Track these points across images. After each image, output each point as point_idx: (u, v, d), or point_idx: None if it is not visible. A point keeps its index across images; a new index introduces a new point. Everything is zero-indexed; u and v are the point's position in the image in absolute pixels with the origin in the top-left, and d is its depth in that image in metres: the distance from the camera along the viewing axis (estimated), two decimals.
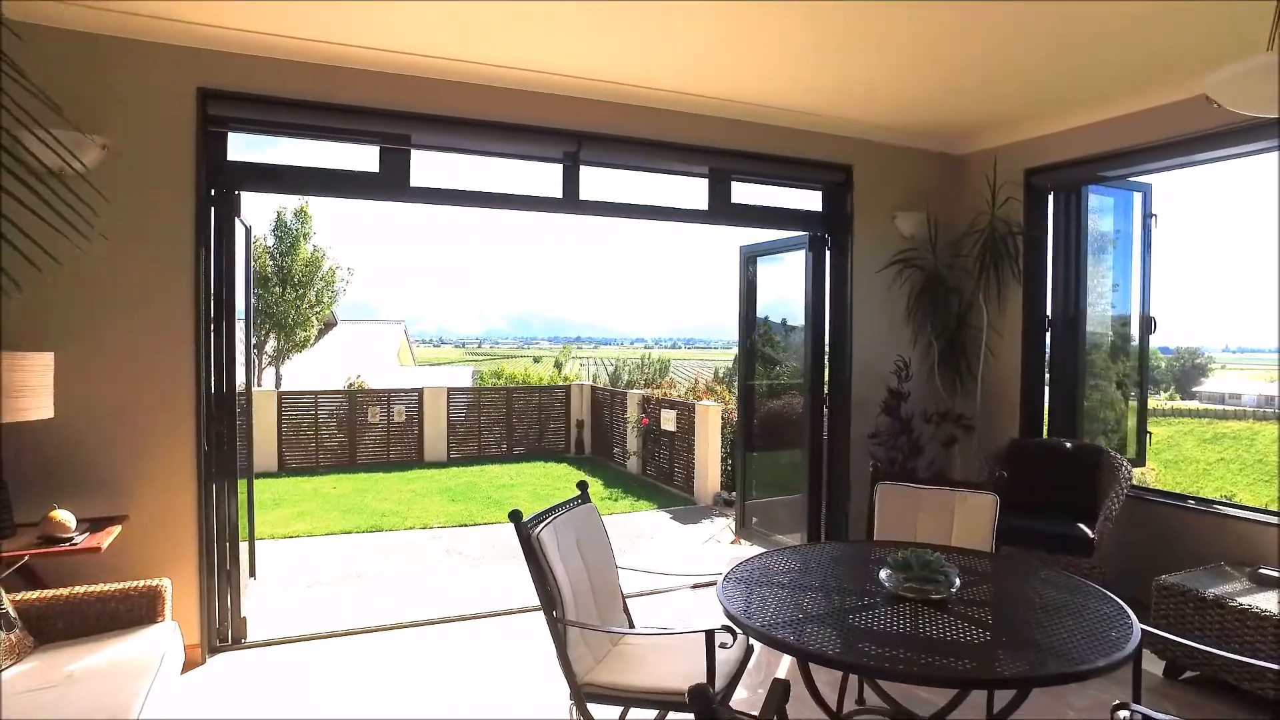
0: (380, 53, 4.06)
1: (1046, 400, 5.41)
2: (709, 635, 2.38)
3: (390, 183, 4.41)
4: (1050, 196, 5.27)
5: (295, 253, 16.27)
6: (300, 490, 10.08)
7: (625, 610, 3.14)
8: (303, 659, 4.03)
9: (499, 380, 16.83)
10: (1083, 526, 4.37)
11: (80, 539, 3.19)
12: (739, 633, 2.38)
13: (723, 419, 9.31)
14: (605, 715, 2.67)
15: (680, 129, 4.90)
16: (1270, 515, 4.37)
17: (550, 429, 13.34)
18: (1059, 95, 4.66)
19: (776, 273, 6.40)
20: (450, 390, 12.83)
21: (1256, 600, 3.59)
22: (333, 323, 24.46)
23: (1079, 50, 3.98)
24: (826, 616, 2.40)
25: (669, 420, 10.16)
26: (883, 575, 2.52)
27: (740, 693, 3.23)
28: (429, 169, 4.57)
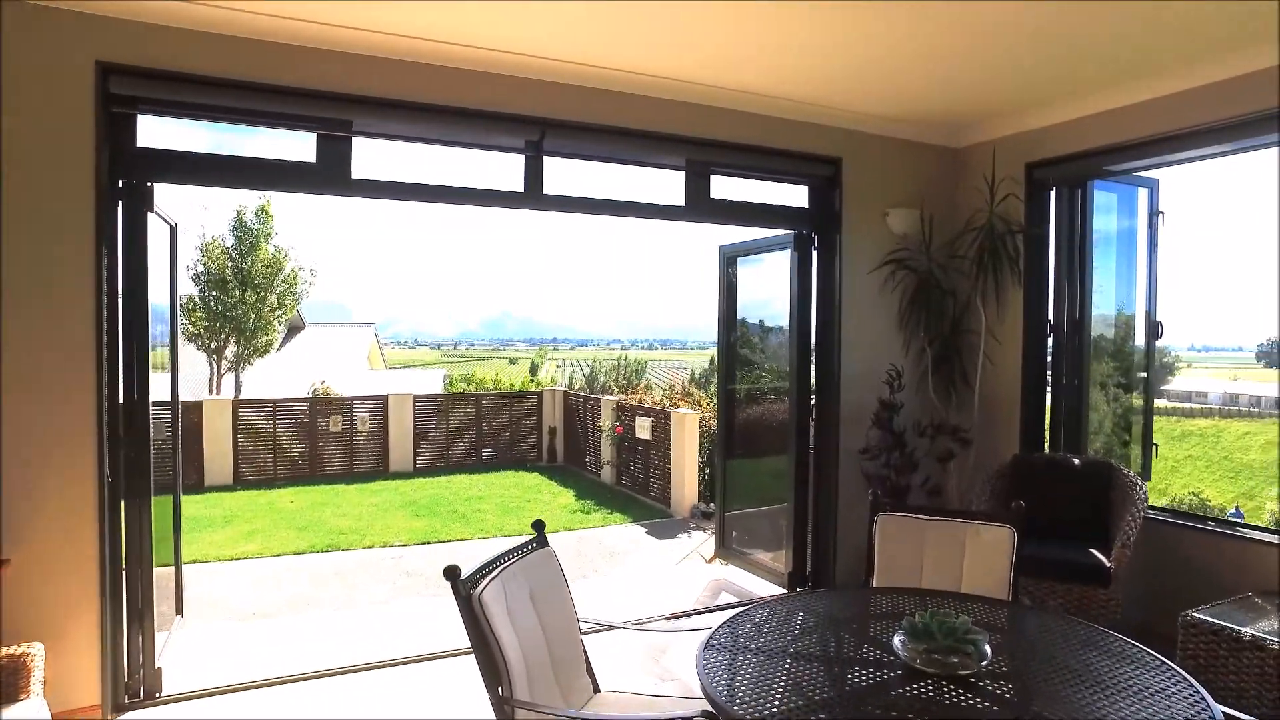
0: (316, 25, 3.55)
1: (1049, 411, 5.02)
2: None
3: (329, 175, 3.92)
4: (1053, 193, 4.87)
5: (256, 253, 15.57)
6: (254, 505, 9.51)
7: (589, 671, 2.68)
8: (228, 716, 3.53)
9: (469, 385, 16.25)
10: (1096, 553, 3.98)
11: None
12: None
13: (700, 427, 8.87)
14: None
15: (654, 116, 4.44)
16: None
17: (522, 436, 12.83)
18: (1063, 82, 4.26)
19: (759, 274, 5.96)
20: (416, 398, 12.28)
21: None
22: (300, 325, 23.76)
23: (1083, 32, 3.58)
24: (833, 702, 1.95)
25: (644, 428, 9.71)
26: (896, 642, 2.09)
27: None
28: (376, 159, 4.09)
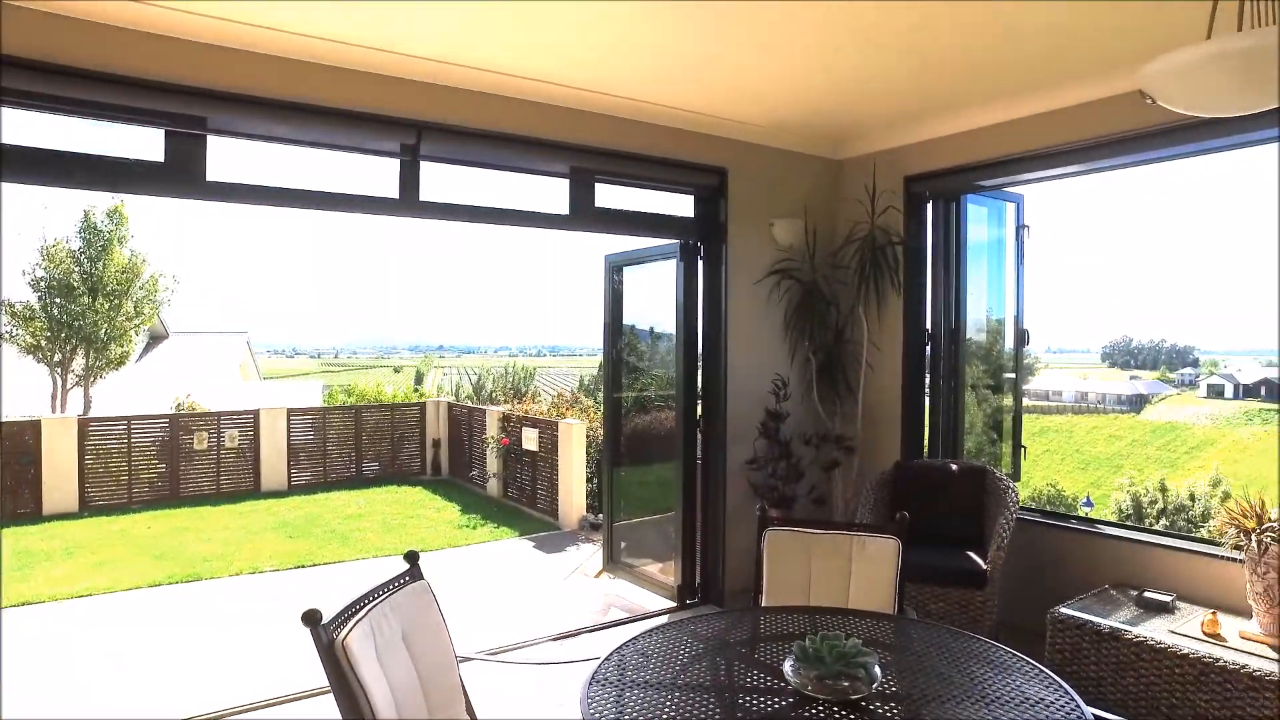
0: (159, 8, 3.23)
1: (928, 416, 5.19)
2: None
3: (180, 176, 3.57)
4: (930, 205, 5.04)
5: (108, 258, 14.32)
6: (105, 533, 8.69)
7: (469, 709, 2.51)
8: None
9: (350, 397, 15.51)
10: (974, 556, 4.12)
11: None
12: None
13: (588, 437, 8.76)
14: None
15: (536, 122, 4.30)
16: (1148, 535, 4.42)
17: (404, 449, 12.33)
18: (938, 99, 4.41)
19: (646, 282, 5.91)
20: (291, 411, 11.59)
21: (1149, 629, 3.51)
22: (162, 335, 22.12)
23: (955, 54, 3.71)
24: None
25: (531, 439, 9.50)
26: (787, 668, 2.03)
27: None
28: (242, 162, 3.78)
